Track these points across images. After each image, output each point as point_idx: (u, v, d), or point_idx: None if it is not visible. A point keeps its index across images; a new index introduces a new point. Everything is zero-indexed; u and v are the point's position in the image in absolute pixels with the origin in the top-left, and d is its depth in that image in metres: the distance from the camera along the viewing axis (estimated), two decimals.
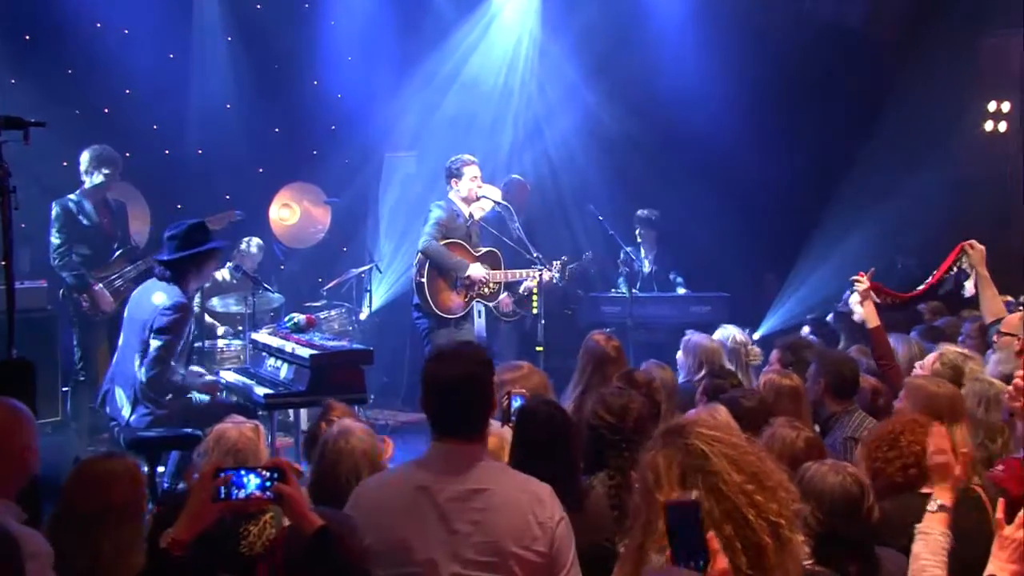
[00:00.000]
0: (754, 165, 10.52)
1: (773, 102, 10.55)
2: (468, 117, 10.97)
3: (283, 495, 2.89)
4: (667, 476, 2.45)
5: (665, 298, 9.86)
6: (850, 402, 5.12)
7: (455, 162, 8.01)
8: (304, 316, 7.12)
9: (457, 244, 7.92)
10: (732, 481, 2.40)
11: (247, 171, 10.26)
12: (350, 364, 6.34)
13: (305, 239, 10.93)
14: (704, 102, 10.41)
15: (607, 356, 5.50)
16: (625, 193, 10.62)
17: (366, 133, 11.00)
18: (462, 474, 3.23)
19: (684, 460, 2.45)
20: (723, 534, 2.35)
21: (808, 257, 10.36)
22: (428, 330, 7.87)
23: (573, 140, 11.09)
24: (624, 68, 10.66)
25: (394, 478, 3.35)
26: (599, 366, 5.44)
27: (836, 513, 3.20)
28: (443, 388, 3.26)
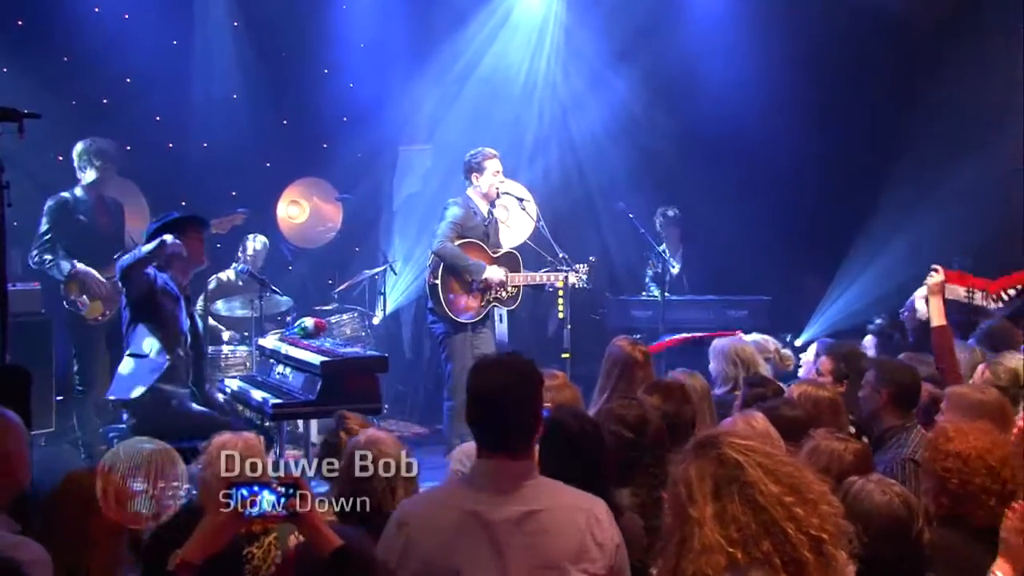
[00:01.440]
0: (794, 159, 10.44)
1: (813, 92, 10.45)
2: (488, 107, 10.94)
3: (299, 512, 2.87)
4: (700, 489, 2.50)
5: (699, 302, 9.83)
6: (910, 416, 5.05)
7: (475, 156, 8.00)
8: (314, 320, 7.11)
9: (474, 244, 7.91)
10: (769, 492, 2.42)
11: (254, 166, 10.27)
12: (363, 371, 6.33)
13: (315, 238, 10.93)
14: (740, 90, 10.34)
15: (635, 361, 5.49)
16: (656, 188, 10.58)
17: (380, 125, 10.99)
18: (513, 494, 3.20)
19: (717, 471, 2.48)
20: (760, 550, 2.33)
21: (853, 258, 10.28)
22: (444, 336, 7.87)
23: (600, 131, 11.03)
24: (655, 53, 10.61)
25: (442, 499, 3.33)
26: (626, 371, 5.44)
27: (882, 536, 3.15)
28: (487, 400, 3.25)
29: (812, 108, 10.43)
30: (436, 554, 3.14)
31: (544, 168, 10.84)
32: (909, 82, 10.38)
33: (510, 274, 7.99)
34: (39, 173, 7.96)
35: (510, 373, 3.26)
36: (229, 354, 8.80)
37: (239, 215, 8.59)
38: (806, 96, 10.46)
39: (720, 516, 2.51)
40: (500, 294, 7.95)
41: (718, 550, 2.48)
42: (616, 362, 5.51)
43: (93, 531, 3.28)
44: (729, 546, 2.47)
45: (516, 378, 3.26)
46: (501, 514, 3.16)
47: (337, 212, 10.93)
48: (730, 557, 2.47)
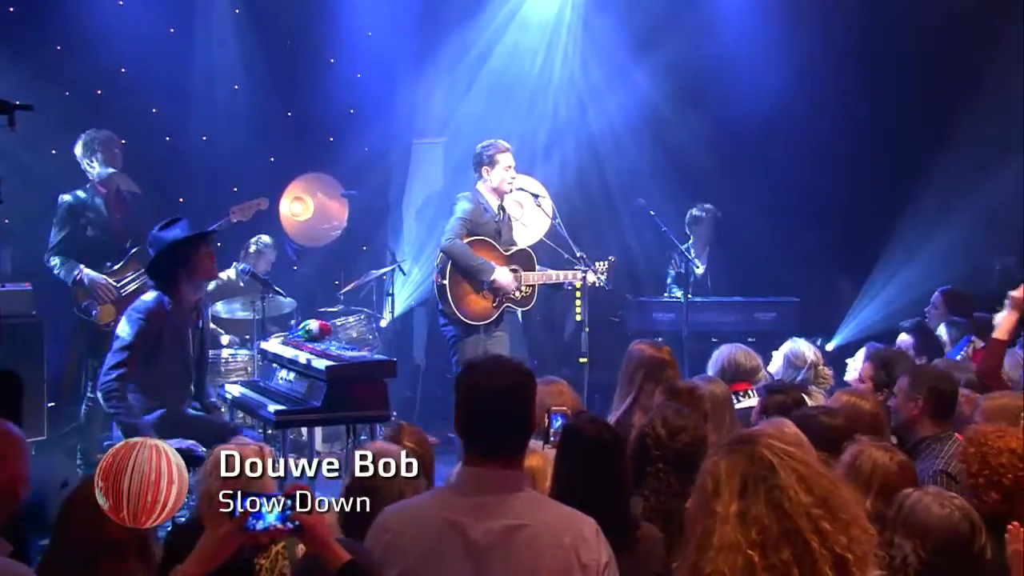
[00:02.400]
0: (826, 154, 10.39)
1: (848, 84, 10.40)
2: (503, 99, 10.93)
3: (306, 525, 2.85)
4: (727, 485, 2.52)
5: (725, 304, 9.81)
6: (947, 425, 5.01)
7: (486, 148, 7.99)
8: (319, 323, 7.09)
9: (484, 242, 7.89)
10: (798, 501, 2.44)
11: (256, 160, 10.27)
12: (371, 377, 6.32)
13: (320, 237, 10.92)
14: (769, 82, 10.30)
15: (661, 361, 5.48)
16: (679, 184, 10.55)
17: (389, 117, 10.99)
18: (497, 506, 3.19)
19: (748, 469, 2.51)
20: (780, 557, 2.33)
21: (888, 258, 10.23)
22: (455, 339, 7.86)
23: (620, 125, 11.00)
24: (679, 42, 10.53)
25: (420, 507, 3.32)
26: (653, 373, 5.43)
27: (942, 552, 3.13)
28: (476, 402, 3.25)
29: (847, 101, 10.37)
30: (414, 564, 3.15)
31: (561, 162, 10.80)
32: (953, 77, 10.30)
33: (524, 272, 7.97)
34: (32, 168, 7.96)
35: (502, 375, 3.26)
36: (230, 358, 8.78)
37: (263, 200, 8.53)
38: (841, 88, 10.40)
39: (743, 515, 2.53)
40: (514, 294, 7.94)
41: (736, 549, 2.50)
42: (641, 364, 5.49)
43: (106, 538, 3.24)
44: (748, 547, 2.49)
45: (508, 381, 3.25)
46: (484, 526, 3.15)
47: (343, 209, 10.92)
48: (747, 558, 2.48)
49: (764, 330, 9.33)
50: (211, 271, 6.50)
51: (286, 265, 10.47)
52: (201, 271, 6.39)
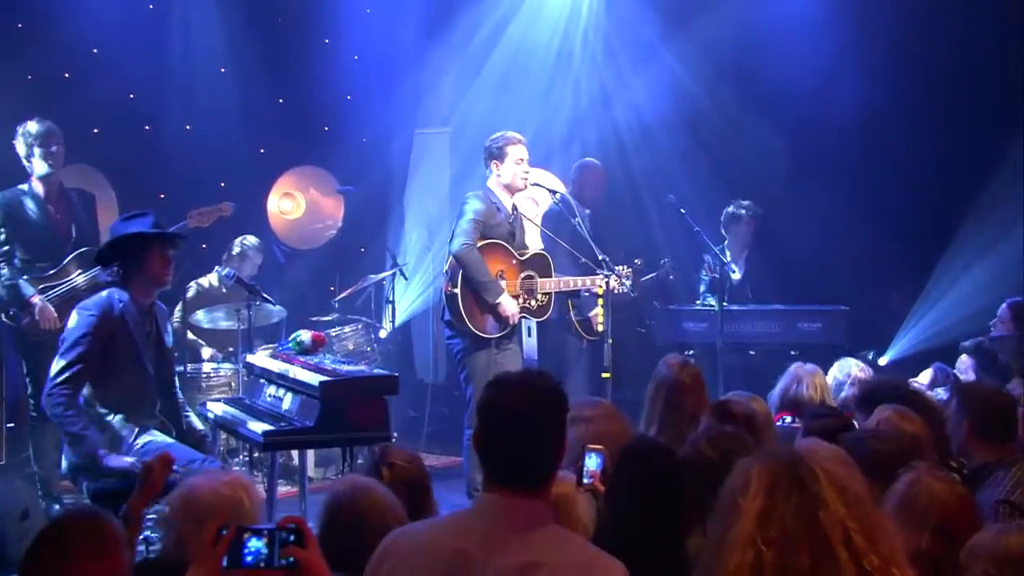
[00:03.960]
0: (877, 150, 10.32)
1: (903, 70, 10.33)
2: (516, 85, 10.94)
3: (301, 562, 2.82)
4: (757, 481, 2.60)
5: (764, 312, 9.76)
6: (1008, 448, 4.95)
7: (496, 141, 7.96)
8: (311, 334, 7.08)
9: (496, 246, 7.85)
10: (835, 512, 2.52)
11: (243, 152, 10.26)
12: (369, 394, 6.30)
13: (313, 237, 10.93)
14: (816, 67, 10.21)
15: (680, 385, 5.43)
16: (714, 179, 10.52)
17: (390, 105, 10.99)
18: (514, 539, 3.12)
19: (782, 469, 2.59)
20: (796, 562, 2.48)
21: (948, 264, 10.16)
22: (463, 352, 7.82)
23: (648, 113, 10.98)
24: (715, 19, 10.50)
25: (428, 534, 3.28)
26: (671, 397, 5.39)
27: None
28: (495, 422, 3.21)
29: (907, 92, 10.26)
30: None
31: (581, 156, 10.74)
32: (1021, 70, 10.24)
33: (540, 279, 7.95)
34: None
35: (530, 393, 3.21)
36: (211, 373, 8.78)
37: (225, 206, 8.52)
38: (899, 78, 10.30)
39: (766, 512, 2.59)
40: (528, 303, 7.91)
41: (750, 545, 2.57)
42: (660, 386, 5.46)
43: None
44: (763, 543, 2.56)
45: (537, 400, 3.21)
46: (496, 563, 3.08)
47: (338, 207, 10.93)
48: (757, 554, 2.56)
49: (809, 342, 9.27)
50: (161, 277, 6.27)
51: (275, 269, 10.45)
52: (150, 274, 6.23)
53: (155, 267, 6.22)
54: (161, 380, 6.44)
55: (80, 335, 6.07)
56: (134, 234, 6.17)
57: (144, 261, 6.19)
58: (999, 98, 10.16)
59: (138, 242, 6.17)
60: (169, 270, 6.30)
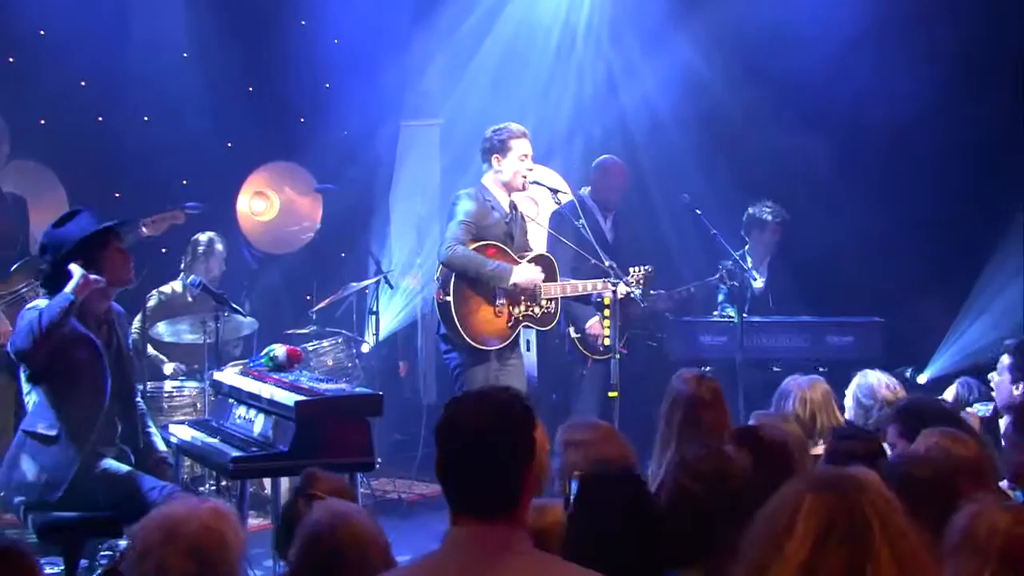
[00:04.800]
0: (915, 149, 10.28)
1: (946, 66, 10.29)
2: (514, 72, 10.93)
3: None
4: (806, 524, 2.56)
5: (789, 324, 9.74)
6: None
7: (498, 133, 7.93)
8: (286, 348, 7.06)
9: (496, 248, 7.83)
10: (885, 571, 2.51)
11: (209, 146, 10.24)
12: (351, 415, 6.29)
13: (288, 240, 10.93)
14: (846, 51, 10.21)
15: (699, 401, 5.38)
16: (733, 177, 10.50)
17: (373, 94, 10.98)
18: (492, 570, 3.15)
19: (838, 517, 2.55)
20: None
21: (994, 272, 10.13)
22: (460, 368, 7.80)
23: (660, 103, 10.96)
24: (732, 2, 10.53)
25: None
26: (689, 415, 5.33)
27: None
28: (458, 445, 3.24)
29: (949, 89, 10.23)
30: None
31: (585, 150, 10.78)
32: None
33: (544, 284, 7.91)
34: None
35: (491, 411, 3.23)
36: (174, 392, 8.75)
37: (180, 212, 8.47)
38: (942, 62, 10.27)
39: (810, 566, 2.57)
40: (531, 310, 7.88)
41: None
42: (676, 403, 5.41)
43: None
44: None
45: (499, 418, 3.22)
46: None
47: (316, 207, 10.92)
48: None
49: (839, 357, 9.24)
50: (124, 274, 6.26)
51: (246, 276, 10.43)
52: (110, 274, 6.18)
53: (115, 264, 6.20)
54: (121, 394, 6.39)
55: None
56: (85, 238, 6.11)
57: (103, 261, 6.14)
58: None
59: (93, 241, 6.13)
60: (131, 265, 6.30)
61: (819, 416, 6.09)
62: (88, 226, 6.15)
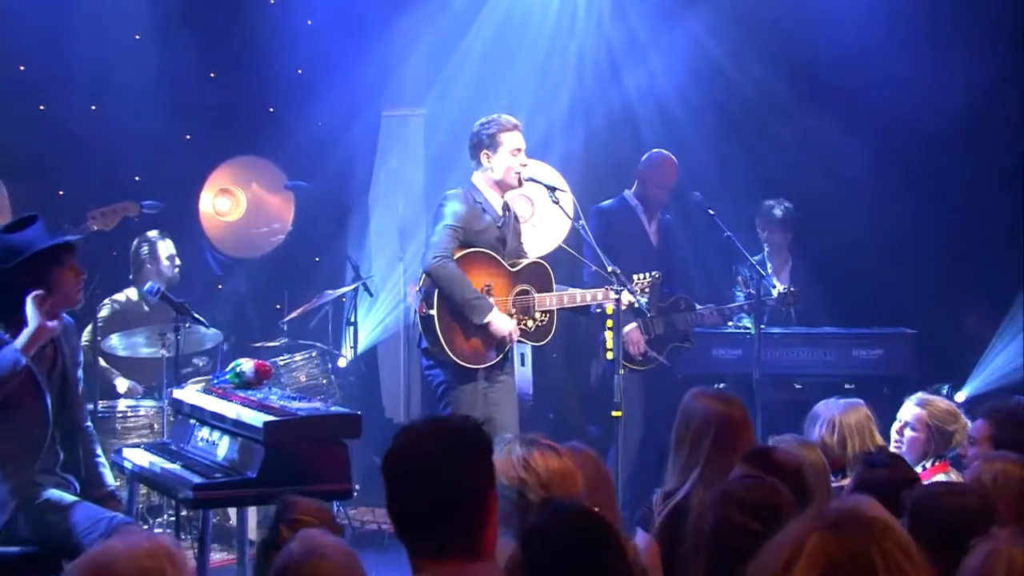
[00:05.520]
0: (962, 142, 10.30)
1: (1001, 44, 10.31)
2: (507, 55, 10.93)
3: None
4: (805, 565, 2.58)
5: (812, 336, 9.76)
6: None
7: (487, 126, 7.92)
8: (254, 363, 7.04)
9: (483, 256, 7.81)
10: None
11: (166, 139, 10.20)
12: (326, 437, 6.27)
13: (256, 243, 10.92)
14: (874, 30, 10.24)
15: (735, 422, 5.39)
16: (750, 173, 10.54)
17: (350, 81, 10.96)
18: None
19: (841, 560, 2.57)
20: None
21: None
22: (445, 386, 7.79)
23: (668, 90, 10.97)
24: None
25: None
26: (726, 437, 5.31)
27: None
28: (400, 482, 3.34)
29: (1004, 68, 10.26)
30: None
31: (585, 143, 10.79)
32: None
33: (538, 295, 7.91)
34: None
35: (435, 442, 3.32)
36: (129, 412, 8.74)
37: (131, 205, 8.46)
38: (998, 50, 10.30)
39: None
40: (524, 324, 7.88)
41: None
42: (708, 424, 5.38)
43: None
44: None
45: (442, 450, 3.30)
46: None
47: (287, 206, 10.92)
48: None
49: (868, 373, 9.31)
50: (74, 295, 6.25)
51: (209, 283, 10.42)
52: (61, 296, 6.17)
53: (68, 284, 6.19)
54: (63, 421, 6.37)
55: None
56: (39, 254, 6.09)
57: (54, 280, 6.13)
58: None
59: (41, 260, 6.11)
60: (81, 282, 6.28)
61: (851, 443, 6.10)
62: (41, 239, 6.13)
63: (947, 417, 6.46)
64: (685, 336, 9.57)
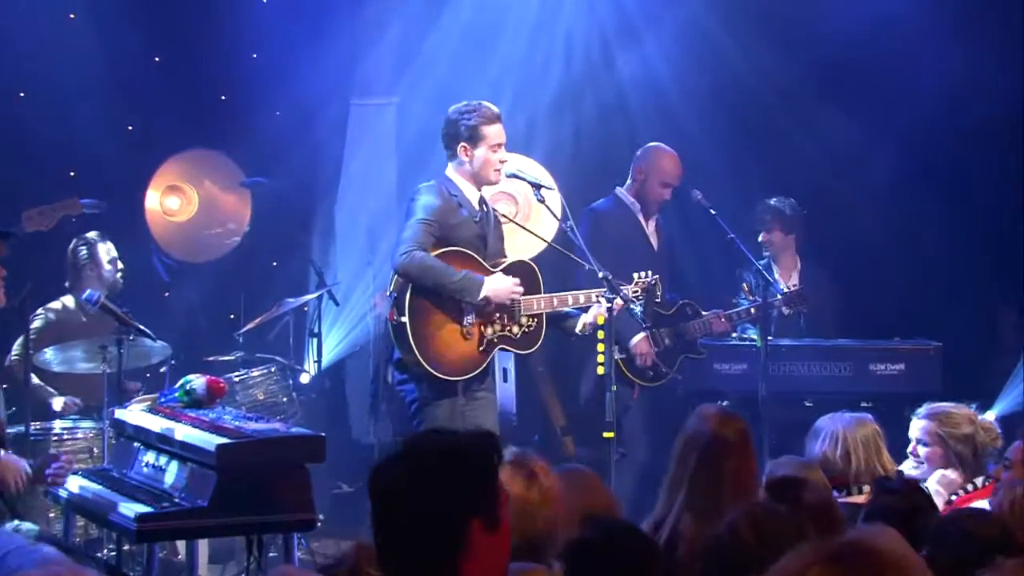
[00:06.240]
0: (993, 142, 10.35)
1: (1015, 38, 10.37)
2: (485, 39, 10.93)
3: None
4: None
5: (826, 349, 9.77)
6: None
7: (466, 117, 7.92)
8: (206, 380, 7.06)
9: (460, 255, 7.81)
10: None
11: (106, 130, 10.23)
12: (286, 461, 6.27)
13: (208, 246, 10.91)
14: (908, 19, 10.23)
15: (721, 443, 5.39)
16: (756, 167, 10.56)
17: (314, 66, 10.96)
18: None
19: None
20: None
21: None
22: (419, 402, 7.80)
23: (665, 76, 11.00)
24: None
25: None
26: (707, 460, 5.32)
27: None
28: (375, 512, 3.35)
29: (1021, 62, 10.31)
30: None
31: (574, 135, 10.81)
32: None
33: (523, 298, 7.90)
34: None
35: (406, 468, 3.33)
36: (65, 434, 8.69)
37: (75, 201, 8.47)
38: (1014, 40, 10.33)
39: None
40: (509, 330, 7.87)
41: None
42: (692, 445, 5.42)
43: None
44: None
45: (413, 476, 3.30)
46: None
47: (243, 205, 10.92)
48: None
49: (887, 390, 9.32)
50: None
51: (156, 290, 10.41)
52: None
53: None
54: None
55: None
56: None
57: None
58: None
59: None
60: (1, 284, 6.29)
61: (855, 458, 6.15)
62: None
63: (960, 421, 6.53)
64: (694, 347, 9.54)
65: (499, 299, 7.73)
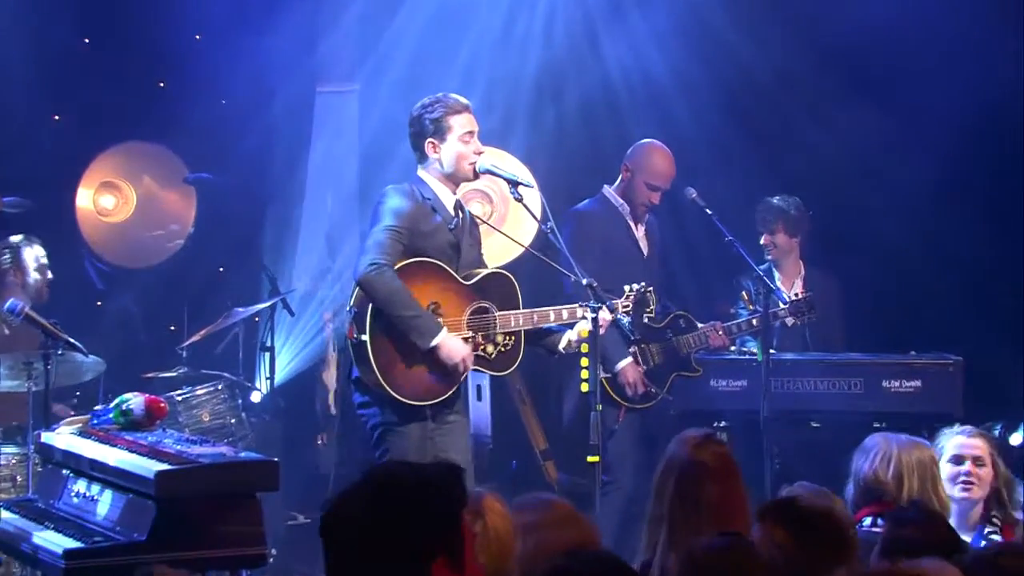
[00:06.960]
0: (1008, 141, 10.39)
1: None
2: (459, 20, 10.94)
3: None
4: None
5: (833, 365, 9.74)
6: None
7: (430, 109, 7.87)
8: (144, 398, 7.04)
9: (429, 266, 7.77)
10: None
11: (29, 120, 10.26)
12: (234, 490, 6.29)
13: (148, 250, 10.89)
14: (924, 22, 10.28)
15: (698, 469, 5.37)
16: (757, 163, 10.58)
17: (264, 49, 10.94)
18: None
19: None
20: None
21: None
22: (381, 428, 7.72)
23: (656, 61, 11.02)
24: None
25: None
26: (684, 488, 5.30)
27: None
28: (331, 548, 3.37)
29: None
30: None
31: (556, 127, 10.81)
32: None
33: (499, 313, 7.87)
34: None
35: (364, 503, 3.34)
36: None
37: None
38: None
39: None
40: (483, 349, 7.84)
41: None
42: (670, 470, 5.42)
43: None
44: None
45: (371, 512, 3.31)
46: None
47: (187, 204, 10.90)
48: None
49: (902, 409, 9.30)
50: None
51: (89, 299, 10.39)
52: None
53: None
54: None
55: None
56: None
57: None
58: None
59: None
60: None
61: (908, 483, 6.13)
62: None
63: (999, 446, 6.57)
64: (687, 364, 9.51)
65: (447, 359, 7.66)
